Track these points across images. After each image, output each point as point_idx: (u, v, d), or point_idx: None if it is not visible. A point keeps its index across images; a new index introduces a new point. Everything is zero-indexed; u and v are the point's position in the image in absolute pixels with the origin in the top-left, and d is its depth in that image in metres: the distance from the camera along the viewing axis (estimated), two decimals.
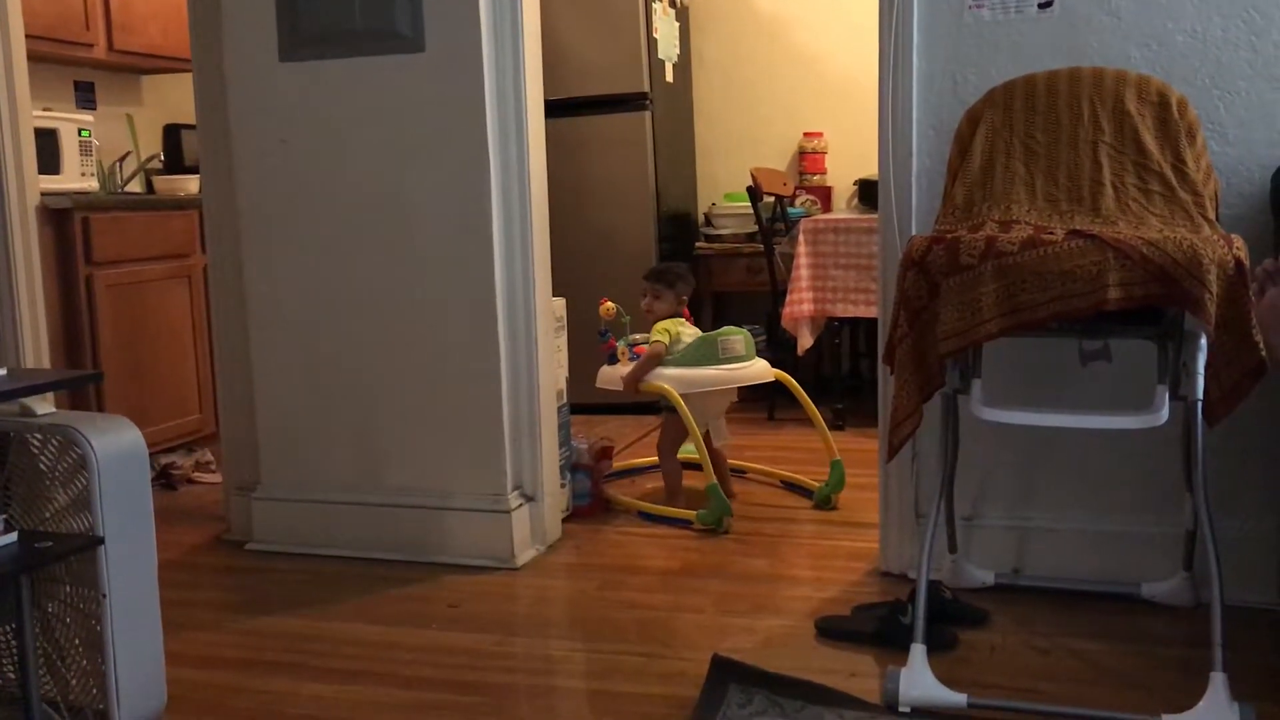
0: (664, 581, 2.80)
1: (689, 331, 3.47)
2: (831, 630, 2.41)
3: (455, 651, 2.40)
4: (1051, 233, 2.06)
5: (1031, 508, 2.62)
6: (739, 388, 3.47)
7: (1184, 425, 2.24)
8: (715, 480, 3.21)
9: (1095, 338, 2.23)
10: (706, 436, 3.40)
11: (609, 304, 3.55)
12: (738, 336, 3.42)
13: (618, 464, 3.78)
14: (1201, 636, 2.03)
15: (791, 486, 3.58)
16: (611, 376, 3.48)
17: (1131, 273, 1.96)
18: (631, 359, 3.47)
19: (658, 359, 3.37)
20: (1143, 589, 2.48)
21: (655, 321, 3.48)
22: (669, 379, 3.33)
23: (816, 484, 3.44)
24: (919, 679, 2.04)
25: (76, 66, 4.35)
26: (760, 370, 3.45)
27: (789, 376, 3.51)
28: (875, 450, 2.80)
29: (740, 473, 3.71)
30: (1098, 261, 1.97)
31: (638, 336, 3.54)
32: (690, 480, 3.44)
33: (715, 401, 3.46)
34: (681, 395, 3.28)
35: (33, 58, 3.62)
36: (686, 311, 3.56)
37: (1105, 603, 2.49)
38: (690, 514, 3.22)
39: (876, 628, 2.35)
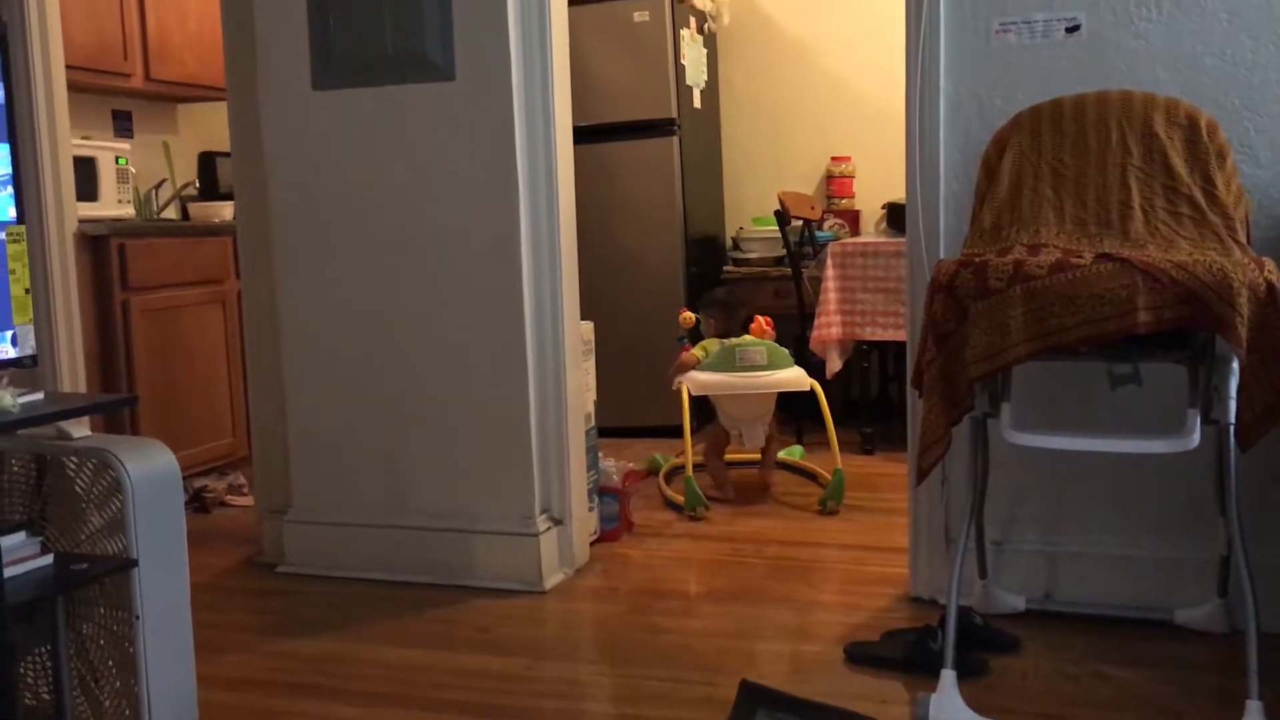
0: (692, 606, 2.80)
1: (734, 341, 3.78)
2: (861, 656, 2.40)
3: (483, 675, 2.40)
4: (1080, 256, 2.05)
5: (1062, 532, 2.60)
6: (777, 400, 3.72)
7: (1216, 449, 2.21)
8: (690, 474, 3.54)
9: (1125, 361, 2.21)
10: (738, 439, 3.78)
11: (688, 314, 4.01)
12: (757, 348, 3.67)
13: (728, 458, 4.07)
14: (1237, 664, 2.00)
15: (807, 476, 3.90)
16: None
17: (1161, 295, 1.95)
18: None
19: (686, 366, 3.76)
20: (1176, 615, 2.46)
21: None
22: (694, 383, 3.67)
23: (828, 477, 3.59)
24: (949, 705, 2.02)
25: (115, 96, 4.44)
26: (779, 379, 3.65)
27: (817, 383, 3.66)
28: (904, 474, 2.79)
29: (756, 463, 3.89)
30: (1127, 284, 1.97)
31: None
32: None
33: (739, 407, 3.72)
34: (709, 398, 3.71)
35: (73, 87, 3.70)
36: (760, 326, 3.87)
37: (1138, 629, 2.46)
38: (680, 497, 3.56)
39: (906, 653, 2.34)
